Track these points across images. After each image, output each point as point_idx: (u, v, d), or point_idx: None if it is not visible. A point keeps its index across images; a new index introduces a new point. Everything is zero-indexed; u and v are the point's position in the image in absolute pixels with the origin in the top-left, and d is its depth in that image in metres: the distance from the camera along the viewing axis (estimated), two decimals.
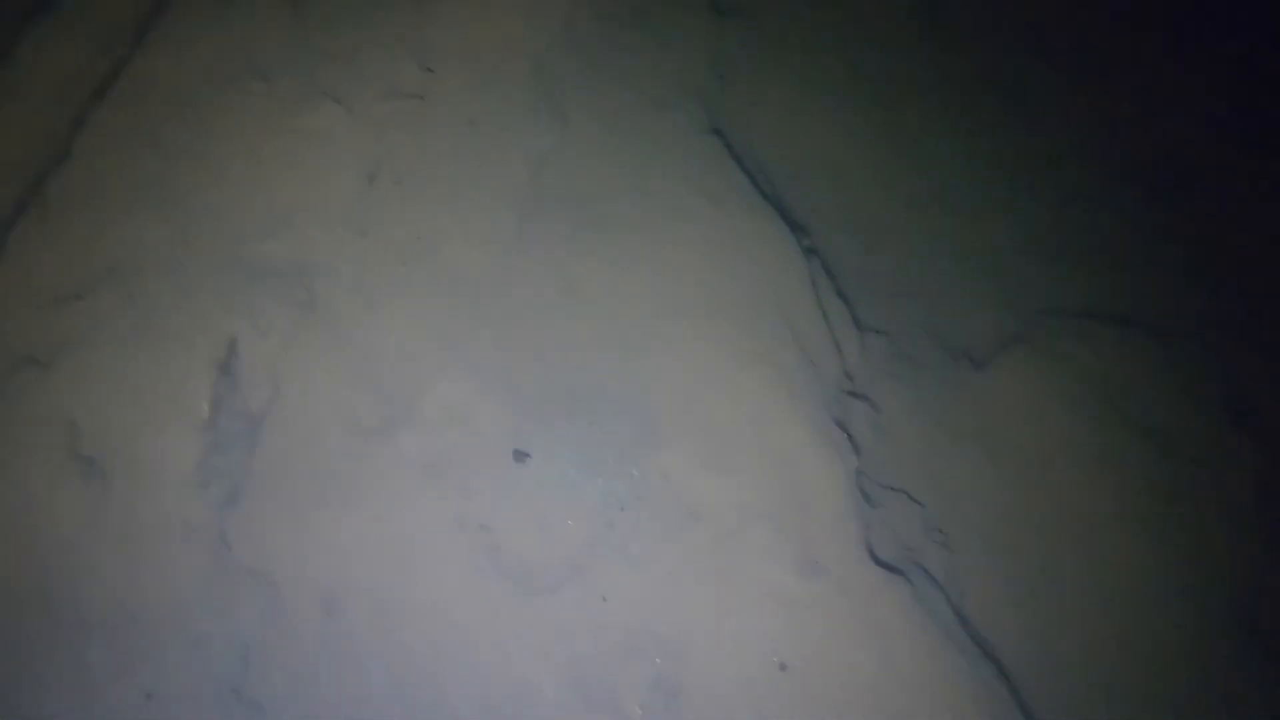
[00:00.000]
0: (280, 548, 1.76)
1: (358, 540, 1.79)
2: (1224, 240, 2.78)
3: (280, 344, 1.85)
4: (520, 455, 1.87)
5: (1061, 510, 2.12)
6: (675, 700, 1.68)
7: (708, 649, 1.76)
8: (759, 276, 2.16)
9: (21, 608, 1.67)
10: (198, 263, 1.87)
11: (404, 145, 2.08)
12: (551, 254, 2.07)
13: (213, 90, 2.04)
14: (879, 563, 1.86)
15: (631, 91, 2.39)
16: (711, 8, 2.74)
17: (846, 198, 2.64)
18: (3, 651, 1.64)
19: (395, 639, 1.74)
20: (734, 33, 2.75)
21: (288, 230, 1.94)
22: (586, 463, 1.88)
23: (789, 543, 1.81)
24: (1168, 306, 2.65)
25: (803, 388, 2.04)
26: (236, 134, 2.00)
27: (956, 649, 1.88)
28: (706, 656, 1.75)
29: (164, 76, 2.03)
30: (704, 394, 1.97)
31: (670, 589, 1.79)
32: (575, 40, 2.40)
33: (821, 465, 1.92)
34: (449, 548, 1.80)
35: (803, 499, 1.87)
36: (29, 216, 1.85)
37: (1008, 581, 1.98)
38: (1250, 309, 2.66)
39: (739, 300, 2.10)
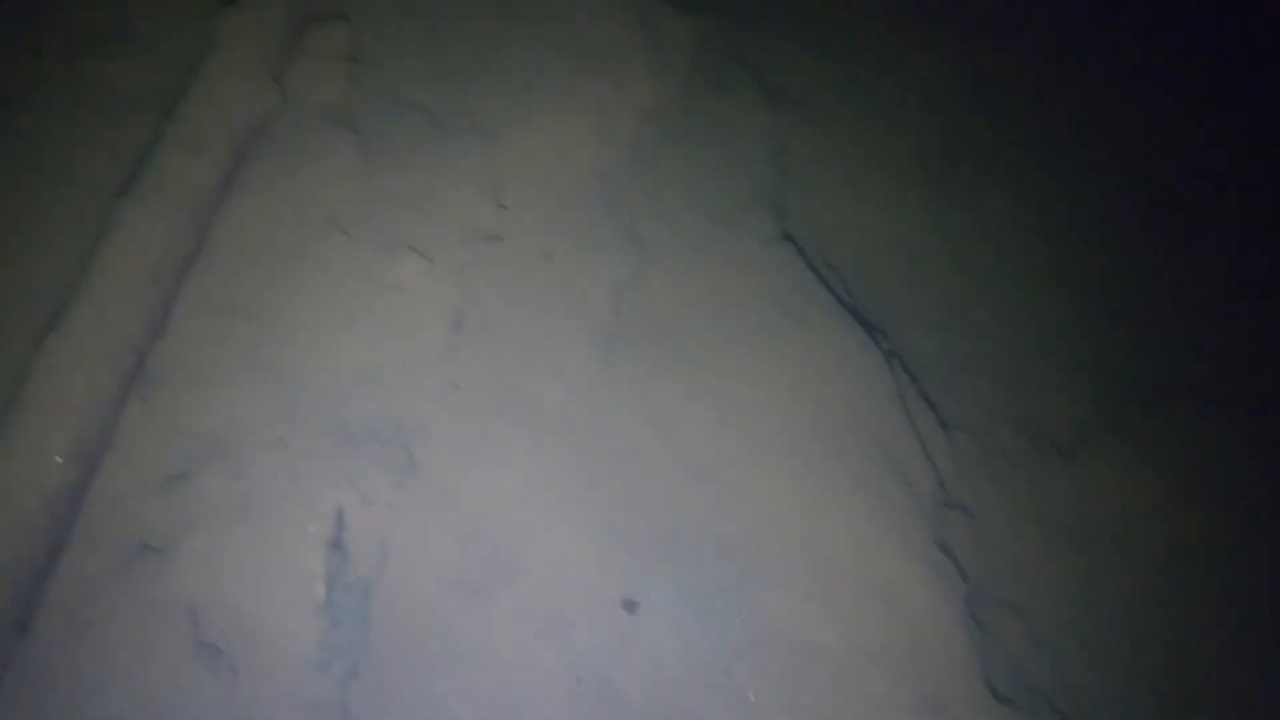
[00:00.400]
0: (403, 717, 1.78)
1: (478, 702, 1.80)
2: None
3: (384, 510, 1.87)
4: (630, 604, 1.88)
5: (1173, 611, 2.10)
6: None
7: None
8: (845, 394, 2.16)
9: None
10: (297, 433, 1.88)
11: (485, 288, 2.09)
12: (641, 390, 2.08)
13: (296, 248, 2.05)
14: (996, 695, 1.85)
15: (701, 203, 2.39)
16: (767, 98, 2.73)
17: (917, 284, 2.63)
18: None
19: None
20: (790, 121, 2.74)
21: (381, 391, 1.95)
22: (697, 608, 1.88)
23: (906, 682, 1.81)
24: (1253, 372, 2.63)
25: (900, 509, 2.04)
26: (324, 294, 2.01)
27: None
28: None
29: (248, 239, 2.05)
30: (805, 527, 1.97)
31: None
32: (642, 155, 2.40)
33: (929, 595, 1.92)
34: (569, 704, 1.81)
35: (915, 634, 1.87)
36: (133, 398, 1.87)
37: (1123, 698, 1.97)
38: None
39: (829, 423, 2.10)
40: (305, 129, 2.20)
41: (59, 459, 1.70)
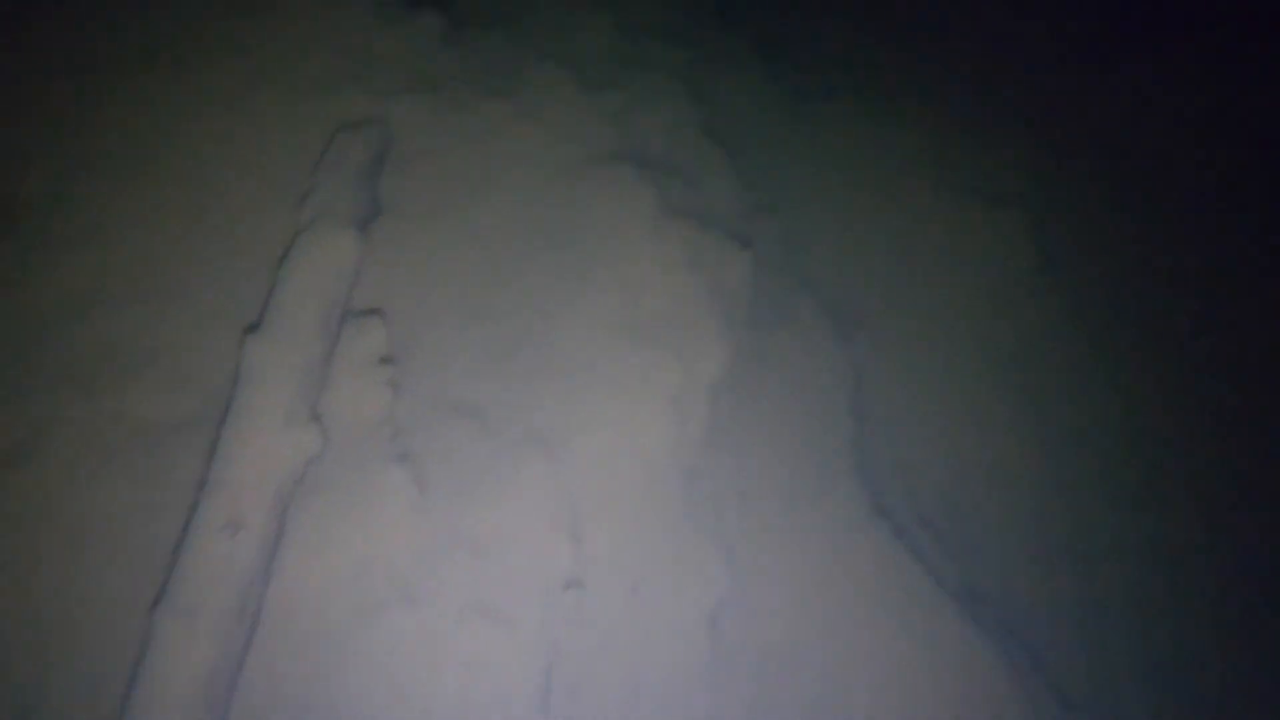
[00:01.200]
0: None
1: None
2: None
3: None
4: None
5: None
6: None
7: None
8: (971, 706, 1.94)
9: None
10: None
11: (570, 645, 1.87)
12: None
13: (357, 625, 1.83)
14: None
15: (786, 483, 2.18)
16: (835, 326, 2.52)
17: (1016, 523, 2.44)
18: None
19: None
20: (862, 349, 2.54)
21: None
22: None
23: None
24: None
25: None
26: (393, 679, 1.78)
27: None
28: None
29: (302, 620, 1.83)
30: None
31: None
32: (718, 436, 2.19)
33: None
34: None
35: None
36: None
37: None
38: None
39: None
40: (352, 466, 1.98)
41: None
